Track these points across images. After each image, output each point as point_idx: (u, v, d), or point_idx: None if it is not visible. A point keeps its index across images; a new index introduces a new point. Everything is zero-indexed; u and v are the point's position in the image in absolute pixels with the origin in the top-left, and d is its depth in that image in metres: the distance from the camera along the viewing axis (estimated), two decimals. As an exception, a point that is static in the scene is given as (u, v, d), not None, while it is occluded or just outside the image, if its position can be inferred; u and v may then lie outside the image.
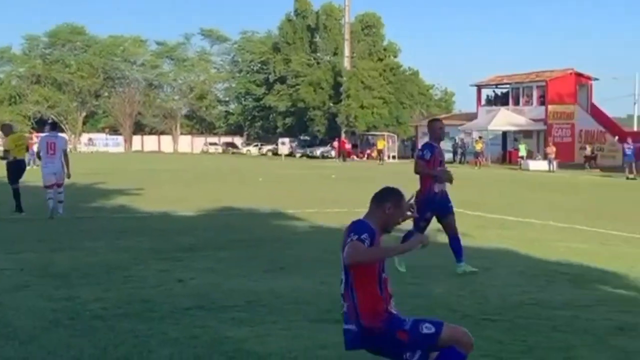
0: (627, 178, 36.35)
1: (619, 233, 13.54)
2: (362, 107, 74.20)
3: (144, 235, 13.98)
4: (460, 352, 4.76)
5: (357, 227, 4.83)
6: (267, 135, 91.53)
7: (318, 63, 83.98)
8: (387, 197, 4.98)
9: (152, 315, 7.61)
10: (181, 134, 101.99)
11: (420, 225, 10.07)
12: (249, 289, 8.97)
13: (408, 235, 9.23)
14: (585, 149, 49.82)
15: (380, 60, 79.15)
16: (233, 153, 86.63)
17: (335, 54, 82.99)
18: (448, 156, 60.04)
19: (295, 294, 8.70)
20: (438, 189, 10.27)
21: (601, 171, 42.12)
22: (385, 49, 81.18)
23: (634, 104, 70.03)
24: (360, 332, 4.84)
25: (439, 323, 4.83)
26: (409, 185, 8.13)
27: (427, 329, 4.79)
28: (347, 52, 77.46)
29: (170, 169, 43.91)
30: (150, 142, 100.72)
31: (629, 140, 40.96)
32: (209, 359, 6.10)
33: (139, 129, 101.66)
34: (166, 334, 6.85)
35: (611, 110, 61.95)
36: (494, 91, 64.83)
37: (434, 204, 10.21)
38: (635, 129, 45.60)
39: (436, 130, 10.50)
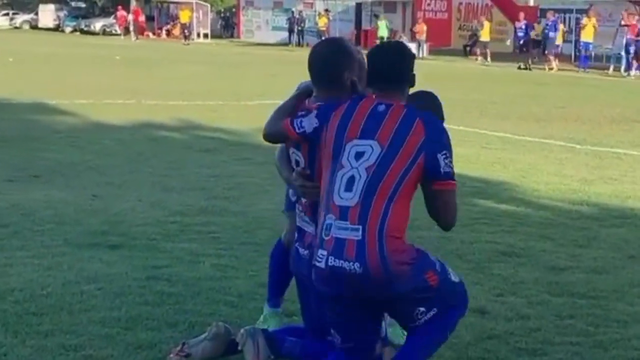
0: (519, 68, 37.62)
1: (505, 135, 13.91)
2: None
3: None
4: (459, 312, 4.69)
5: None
6: (23, 2, 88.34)
7: None
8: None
9: None
10: None
11: None
12: (-17, 204, 8.63)
13: None
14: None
15: None
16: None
17: None
18: (282, 36, 60.21)
19: (53, 211, 8.49)
20: None
21: (485, 58, 43.30)
22: None
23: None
24: (368, 276, 4.32)
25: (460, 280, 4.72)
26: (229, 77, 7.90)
27: (453, 276, 4.65)
28: None
29: None
30: None
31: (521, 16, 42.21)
32: None
33: None
34: None
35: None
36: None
37: None
38: (531, 2, 46.87)
39: None
